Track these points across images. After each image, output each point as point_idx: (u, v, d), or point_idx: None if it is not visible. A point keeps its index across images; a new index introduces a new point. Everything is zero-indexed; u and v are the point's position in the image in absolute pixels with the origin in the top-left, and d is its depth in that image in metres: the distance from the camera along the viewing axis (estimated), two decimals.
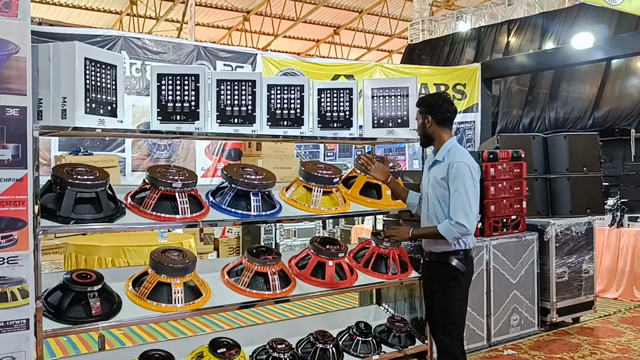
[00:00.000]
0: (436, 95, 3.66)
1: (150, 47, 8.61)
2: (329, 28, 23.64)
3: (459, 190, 3.28)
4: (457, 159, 3.34)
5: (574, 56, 11.06)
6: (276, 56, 10.20)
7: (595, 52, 10.81)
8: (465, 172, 3.28)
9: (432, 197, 3.49)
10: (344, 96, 4.39)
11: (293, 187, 4.21)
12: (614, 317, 5.93)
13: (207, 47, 9.40)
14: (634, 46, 10.59)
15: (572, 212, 5.68)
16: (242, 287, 3.77)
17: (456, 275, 3.40)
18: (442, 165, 3.42)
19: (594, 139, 5.96)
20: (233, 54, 9.41)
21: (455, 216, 3.29)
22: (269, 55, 9.95)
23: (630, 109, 12.80)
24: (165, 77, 3.69)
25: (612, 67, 12.87)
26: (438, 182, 3.42)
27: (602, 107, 12.73)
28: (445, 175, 3.36)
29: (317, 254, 4.15)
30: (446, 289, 3.46)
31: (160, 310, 3.39)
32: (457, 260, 3.39)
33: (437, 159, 3.50)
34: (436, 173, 3.44)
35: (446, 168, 3.35)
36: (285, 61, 9.86)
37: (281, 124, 4.15)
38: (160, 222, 3.44)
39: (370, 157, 3.54)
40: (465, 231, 3.29)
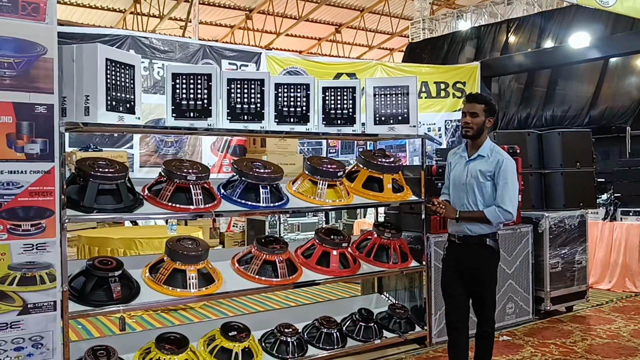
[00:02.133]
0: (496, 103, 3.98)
1: (158, 46, 8.83)
2: (331, 26, 23.83)
3: (507, 182, 3.66)
4: (504, 156, 3.73)
5: (571, 55, 11.28)
6: (280, 55, 10.43)
7: (592, 51, 11.03)
8: (512, 168, 3.71)
9: (473, 187, 3.73)
10: (347, 94, 4.62)
11: (299, 180, 4.45)
12: (606, 306, 6.16)
13: (212, 46, 9.63)
14: (629, 45, 10.82)
15: (565, 205, 5.91)
16: (252, 275, 4.01)
17: (494, 254, 3.76)
18: (488, 160, 3.72)
19: (587, 136, 6.19)
20: (238, 53, 9.63)
21: (503, 204, 3.64)
22: (272, 54, 10.17)
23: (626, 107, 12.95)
24: (179, 76, 3.92)
25: (610, 65, 13.03)
26: (483, 174, 3.70)
27: (598, 105, 12.89)
28: (492, 169, 3.69)
29: (322, 243, 4.39)
30: (489, 265, 3.77)
31: (175, 294, 3.63)
32: (492, 241, 3.73)
33: (482, 154, 3.75)
34: (481, 167, 3.72)
35: (494, 164, 3.69)
36: (289, 60, 10.08)
37: (288, 121, 4.38)
38: (175, 212, 3.68)
39: (439, 201, 3.76)
40: (511, 217, 3.68)
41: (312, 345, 4.26)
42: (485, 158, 3.72)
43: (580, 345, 4.82)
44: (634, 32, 11.03)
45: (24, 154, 3.10)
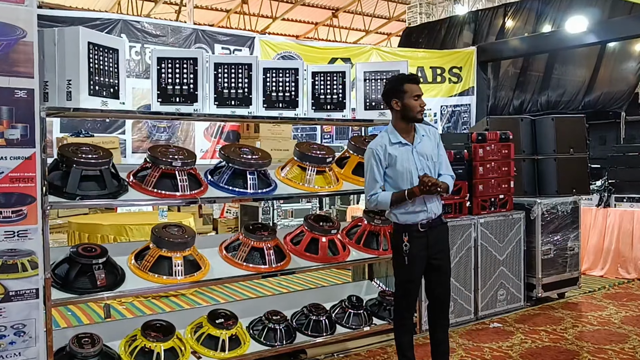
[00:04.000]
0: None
1: (150, 30, 8.73)
2: (328, 11, 23.59)
3: (443, 151, 3.63)
4: (430, 125, 3.62)
5: (568, 39, 11.18)
6: (274, 39, 10.32)
7: (589, 35, 10.93)
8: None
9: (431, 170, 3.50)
10: (337, 79, 4.56)
11: (288, 166, 4.40)
12: (598, 293, 6.15)
13: (205, 30, 9.52)
14: (627, 30, 10.72)
15: (558, 191, 5.88)
16: (239, 262, 3.97)
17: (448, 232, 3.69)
18: (430, 137, 3.56)
19: (581, 121, 6.13)
20: (231, 38, 9.53)
21: (450, 171, 3.61)
22: (266, 39, 10.07)
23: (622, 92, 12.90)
24: (165, 60, 3.86)
25: (607, 50, 12.95)
26: (434, 152, 3.55)
27: (594, 90, 12.84)
28: (435, 143, 3.58)
29: (310, 230, 4.36)
30: (448, 247, 3.66)
31: (161, 282, 3.60)
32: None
33: (423, 134, 3.56)
34: (430, 146, 3.53)
35: (434, 137, 3.59)
36: (283, 44, 9.98)
37: (276, 106, 4.32)
38: (161, 198, 3.63)
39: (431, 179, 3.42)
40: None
41: (300, 332, 4.24)
42: (426, 136, 3.55)
43: (571, 332, 4.81)
44: (632, 17, 10.92)
45: (3, 140, 3.05)
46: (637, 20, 10.66)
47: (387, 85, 3.55)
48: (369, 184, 3.52)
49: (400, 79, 3.53)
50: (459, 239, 5.05)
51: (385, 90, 3.54)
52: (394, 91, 3.47)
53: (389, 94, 3.50)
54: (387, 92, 3.52)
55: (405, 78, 3.52)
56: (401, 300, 3.60)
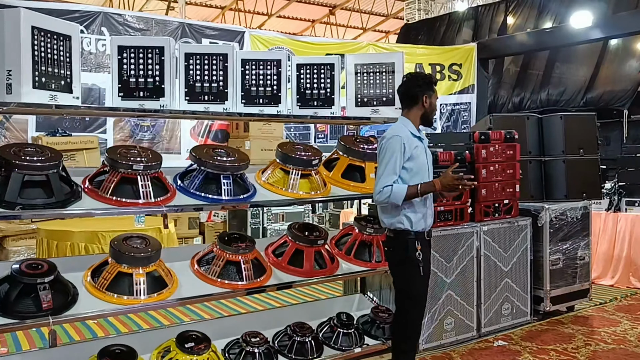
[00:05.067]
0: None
1: (132, 23, 8.27)
2: (325, 8, 23.14)
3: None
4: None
5: (572, 35, 10.76)
6: (265, 34, 9.87)
7: (594, 31, 10.51)
8: None
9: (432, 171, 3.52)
10: (325, 72, 4.11)
11: (269, 169, 3.95)
12: (609, 305, 5.70)
13: (192, 24, 9.05)
14: (633, 25, 10.29)
15: (567, 196, 5.41)
16: (213, 277, 3.52)
17: None
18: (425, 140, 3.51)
19: (592, 120, 5.67)
20: (220, 32, 9.07)
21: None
22: (257, 33, 9.61)
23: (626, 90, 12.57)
24: (127, 49, 3.41)
25: (609, 48, 12.60)
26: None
27: (596, 88, 12.46)
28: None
29: (295, 241, 3.91)
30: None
31: (120, 302, 3.14)
32: None
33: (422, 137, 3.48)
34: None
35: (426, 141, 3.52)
36: (274, 39, 9.53)
37: (257, 102, 3.88)
38: (119, 207, 3.18)
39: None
40: None
41: (282, 355, 3.78)
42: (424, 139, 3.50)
43: (584, 352, 4.36)
44: (638, 11, 10.49)
45: None
46: None
47: (420, 80, 3.39)
48: (386, 174, 3.24)
49: (431, 77, 3.47)
50: (460, 248, 4.59)
51: (419, 83, 3.36)
52: (427, 87, 3.37)
53: (422, 88, 3.35)
54: (420, 85, 3.35)
55: (433, 79, 3.47)
56: (416, 320, 3.36)
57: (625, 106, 12.51)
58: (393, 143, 3.26)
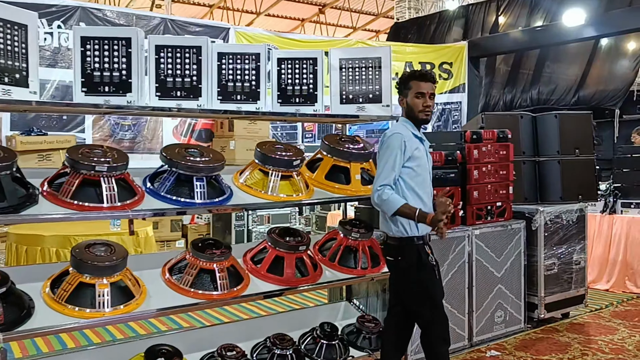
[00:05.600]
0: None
1: (112, 19, 7.97)
2: (314, 7, 22.91)
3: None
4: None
5: (564, 33, 10.57)
6: (250, 31, 9.59)
7: (587, 29, 10.31)
8: None
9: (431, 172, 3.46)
10: (307, 67, 3.86)
11: (248, 170, 3.69)
12: (605, 311, 5.49)
13: (175, 20, 8.76)
14: (626, 23, 10.11)
15: (562, 198, 5.20)
16: (185, 287, 3.26)
17: None
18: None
19: (588, 119, 5.46)
20: (204, 28, 8.78)
21: None
22: (242, 30, 9.33)
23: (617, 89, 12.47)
24: (90, 40, 3.14)
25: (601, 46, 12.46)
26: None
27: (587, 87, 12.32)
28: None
29: (274, 247, 3.65)
30: None
31: (81, 316, 2.87)
32: None
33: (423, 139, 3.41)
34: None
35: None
36: (260, 36, 9.25)
37: (234, 99, 3.62)
38: (80, 212, 2.90)
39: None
40: None
41: None
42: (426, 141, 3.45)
43: None
44: (632, 9, 10.31)
45: None
46: (638, 12, 10.04)
47: (397, 82, 3.42)
48: (385, 172, 3.17)
49: (408, 74, 3.35)
50: (451, 253, 4.37)
51: (395, 86, 3.44)
52: (400, 88, 3.35)
53: (399, 89, 3.37)
54: (396, 87, 3.41)
55: (412, 74, 3.34)
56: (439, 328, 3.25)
57: (617, 105, 12.38)
58: (393, 140, 3.19)
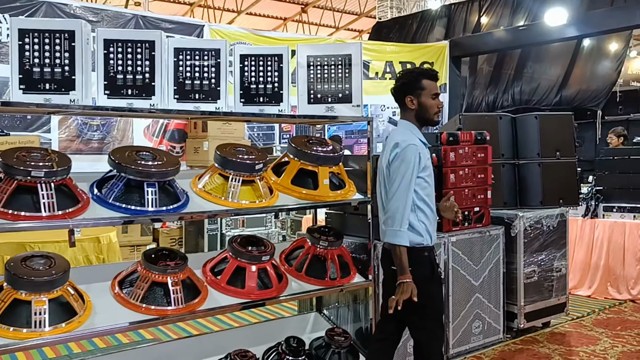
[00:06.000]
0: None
1: (81, 14, 7.66)
2: (297, 6, 22.66)
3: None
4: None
5: (546, 33, 10.45)
6: (226, 28, 9.33)
7: (569, 29, 10.19)
8: None
9: None
10: (272, 65, 3.61)
11: (207, 175, 3.44)
12: (587, 319, 5.31)
13: (146, 16, 8.47)
14: (608, 23, 10.01)
15: (542, 202, 5.00)
16: (135, 302, 3.00)
17: None
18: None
19: (569, 120, 5.27)
20: (177, 25, 8.50)
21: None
22: (217, 28, 9.05)
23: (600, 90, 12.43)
24: (29, 33, 2.87)
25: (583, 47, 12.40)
26: None
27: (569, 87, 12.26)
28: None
29: (236, 257, 3.41)
30: None
31: (16, 337, 2.62)
32: None
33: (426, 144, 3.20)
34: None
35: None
36: (236, 34, 8.99)
37: (192, 97, 3.36)
38: (15, 222, 2.64)
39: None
40: None
41: None
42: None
43: None
44: (613, 9, 10.21)
45: None
46: (620, 12, 9.94)
47: (401, 79, 3.17)
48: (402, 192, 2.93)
49: (418, 72, 3.15)
50: None
51: (398, 85, 3.15)
52: (409, 87, 3.09)
53: (402, 90, 3.12)
54: (400, 87, 3.13)
55: (423, 72, 3.14)
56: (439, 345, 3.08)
57: (599, 106, 12.31)
58: (409, 153, 2.94)
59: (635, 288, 5.86)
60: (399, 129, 3.15)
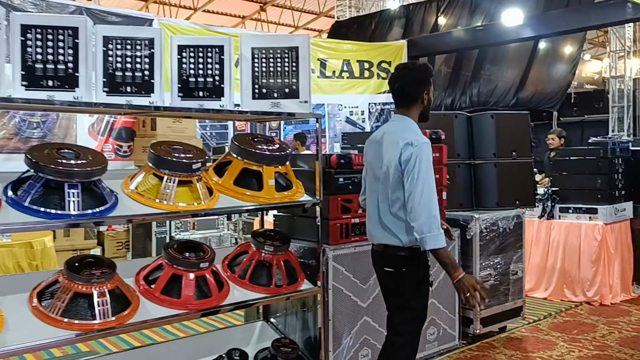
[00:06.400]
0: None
1: (19, 5, 7.22)
2: (255, 4, 22.36)
3: None
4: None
5: (503, 33, 10.42)
6: (176, 23, 8.97)
7: (525, 29, 10.18)
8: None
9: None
10: (213, 56, 3.35)
11: (140, 175, 3.16)
12: (543, 322, 5.20)
13: (91, 8, 8.04)
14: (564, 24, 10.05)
15: (499, 204, 4.86)
16: (55, 316, 2.70)
17: None
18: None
19: (525, 119, 5.16)
20: (124, 19, 8.11)
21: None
22: (167, 22, 8.68)
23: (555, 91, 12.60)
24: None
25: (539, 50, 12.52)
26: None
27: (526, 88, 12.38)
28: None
29: (171, 264, 3.13)
30: None
31: None
32: None
33: None
34: None
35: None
36: (187, 29, 8.65)
37: (123, 90, 3.08)
38: None
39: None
40: None
41: None
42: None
43: None
44: (568, 10, 10.28)
45: None
46: (575, 14, 10.00)
47: (419, 74, 3.00)
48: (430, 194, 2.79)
49: (426, 68, 3.09)
50: None
51: (420, 79, 2.98)
52: (427, 81, 3.00)
53: (422, 83, 2.97)
54: (421, 81, 2.97)
55: (429, 68, 3.10)
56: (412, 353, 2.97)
57: (554, 108, 12.47)
58: (426, 152, 2.83)
59: (590, 290, 5.79)
60: (402, 126, 2.98)
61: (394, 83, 3.02)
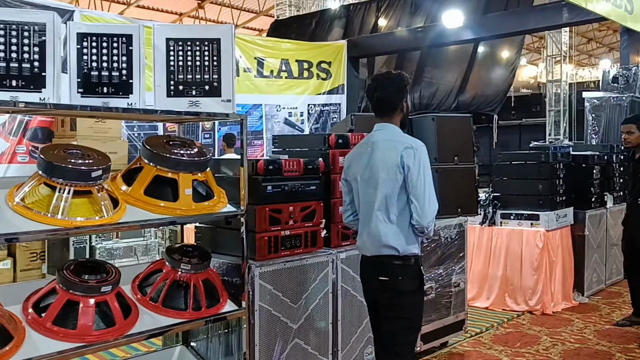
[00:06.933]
0: None
1: None
2: (193, 1, 21.74)
3: None
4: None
5: (443, 35, 10.34)
6: (99, 15, 8.41)
7: (465, 31, 10.13)
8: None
9: None
10: (120, 47, 2.91)
11: (28, 185, 2.68)
12: (485, 335, 4.98)
13: None
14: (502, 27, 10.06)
15: (440, 212, 4.56)
16: None
17: None
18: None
19: (467, 122, 4.91)
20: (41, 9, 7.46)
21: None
22: (88, 14, 8.07)
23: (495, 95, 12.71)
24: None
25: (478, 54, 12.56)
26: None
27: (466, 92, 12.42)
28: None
29: (66, 288, 2.67)
30: None
31: None
32: None
33: None
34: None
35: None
36: (111, 22, 8.07)
37: (7, 85, 2.60)
38: None
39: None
40: None
41: None
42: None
43: None
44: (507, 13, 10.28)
45: None
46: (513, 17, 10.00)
47: (400, 82, 3.05)
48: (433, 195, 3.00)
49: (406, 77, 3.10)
50: (312, 282, 3.61)
51: (400, 88, 3.04)
52: (405, 89, 3.07)
53: (402, 92, 3.05)
54: (400, 89, 3.04)
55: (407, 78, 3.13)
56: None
57: (495, 111, 12.54)
58: (426, 154, 2.95)
59: (532, 299, 5.63)
60: (393, 132, 3.02)
61: (373, 93, 3.04)
